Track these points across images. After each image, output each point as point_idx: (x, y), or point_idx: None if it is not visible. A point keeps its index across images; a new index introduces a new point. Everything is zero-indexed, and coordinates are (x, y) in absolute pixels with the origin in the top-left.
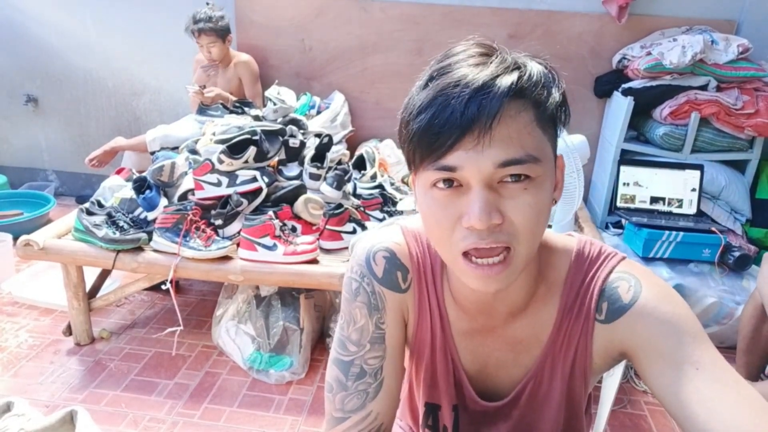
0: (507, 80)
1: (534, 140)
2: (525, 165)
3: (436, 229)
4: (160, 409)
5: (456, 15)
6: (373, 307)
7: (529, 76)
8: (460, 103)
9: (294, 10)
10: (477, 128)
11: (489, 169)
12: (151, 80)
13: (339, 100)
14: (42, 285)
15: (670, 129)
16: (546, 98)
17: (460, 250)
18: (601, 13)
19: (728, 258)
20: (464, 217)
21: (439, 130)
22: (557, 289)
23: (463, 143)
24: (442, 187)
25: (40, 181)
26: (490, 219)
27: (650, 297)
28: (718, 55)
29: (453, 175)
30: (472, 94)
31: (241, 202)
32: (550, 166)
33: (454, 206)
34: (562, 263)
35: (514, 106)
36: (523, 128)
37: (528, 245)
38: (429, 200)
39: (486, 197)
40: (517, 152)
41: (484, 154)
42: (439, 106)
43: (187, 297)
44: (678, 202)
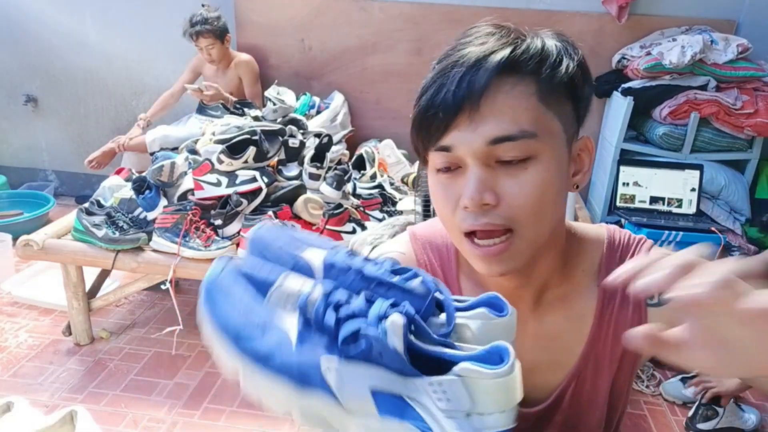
0: (499, 55)
1: (531, 115)
2: (519, 141)
3: (441, 212)
4: (160, 409)
5: (456, 15)
6: None
7: (525, 49)
8: (452, 83)
9: (294, 10)
10: (467, 106)
11: (481, 147)
12: (151, 80)
13: (339, 100)
14: (42, 285)
15: (669, 129)
16: (549, 71)
17: (461, 231)
18: (601, 13)
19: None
20: (461, 198)
21: (435, 111)
22: (592, 279)
23: (456, 123)
24: (444, 170)
25: (40, 181)
26: (481, 199)
27: None
28: (717, 55)
29: (450, 155)
30: (465, 72)
31: (240, 202)
32: (558, 144)
33: (454, 188)
34: (595, 252)
35: (509, 81)
36: (519, 103)
37: (532, 228)
38: (434, 184)
39: (479, 176)
40: (509, 128)
41: (476, 132)
42: (436, 88)
43: (186, 297)
44: (677, 202)
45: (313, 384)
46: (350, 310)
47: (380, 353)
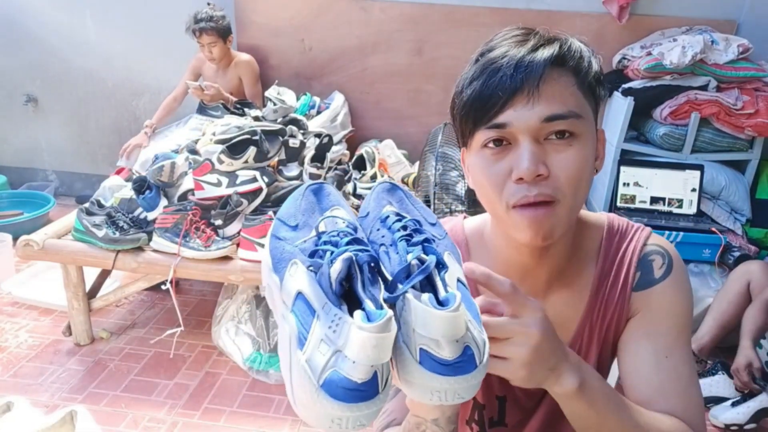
0: (549, 49)
1: (576, 100)
2: (568, 120)
3: (488, 187)
4: (160, 410)
5: (456, 15)
6: None
7: (569, 47)
8: (509, 68)
9: (294, 10)
10: (526, 87)
11: (536, 124)
12: (151, 80)
13: (339, 100)
14: (42, 285)
15: (670, 129)
16: (586, 68)
17: (510, 204)
18: (602, 13)
19: (728, 258)
20: (513, 171)
21: (491, 92)
22: (591, 260)
23: (513, 102)
24: (492, 147)
25: (40, 181)
26: (537, 170)
27: (674, 283)
28: (718, 55)
29: (503, 132)
30: (519, 61)
31: (241, 202)
32: (592, 128)
33: (504, 162)
34: (596, 235)
35: (555, 72)
36: (566, 89)
37: (572, 199)
38: (480, 160)
39: (533, 150)
40: (560, 108)
41: (533, 110)
42: (489, 73)
43: (187, 297)
44: (678, 203)
45: (278, 272)
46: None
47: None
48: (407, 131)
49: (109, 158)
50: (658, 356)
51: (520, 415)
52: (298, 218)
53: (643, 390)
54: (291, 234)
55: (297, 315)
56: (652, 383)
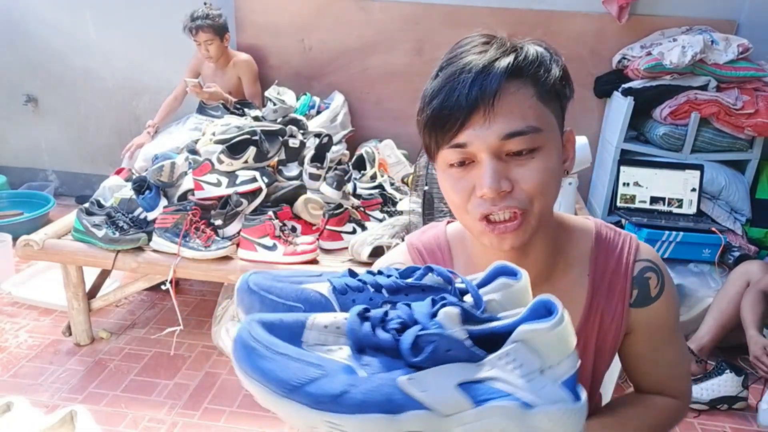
0: (504, 62)
1: (535, 113)
2: (528, 136)
3: (455, 202)
4: (160, 410)
5: (456, 15)
6: None
7: (525, 57)
8: (464, 87)
9: (294, 10)
10: (482, 106)
11: (495, 142)
12: (151, 80)
13: (339, 100)
14: (42, 285)
15: (670, 129)
16: (545, 75)
17: (476, 216)
18: (601, 13)
19: (728, 258)
20: (477, 188)
21: (449, 112)
22: (583, 269)
23: (470, 122)
24: (456, 165)
25: (40, 181)
26: (499, 186)
27: (666, 298)
28: (718, 55)
29: (465, 151)
30: (475, 77)
31: (240, 202)
32: (556, 135)
33: (468, 180)
34: (583, 242)
35: (513, 84)
36: (524, 103)
37: (540, 204)
38: (447, 178)
39: (494, 167)
40: (519, 124)
41: (491, 129)
42: (447, 92)
43: (186, 297)
44: (678, 202)
45: (403, 405)
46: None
47: (447, 349)
48: (407, 131)
49: (109, 158)
50: (656, 357)
51: None
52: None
53: (644, 383)
54: (333, 380)
55: (484, 401)
56: (651, 377)
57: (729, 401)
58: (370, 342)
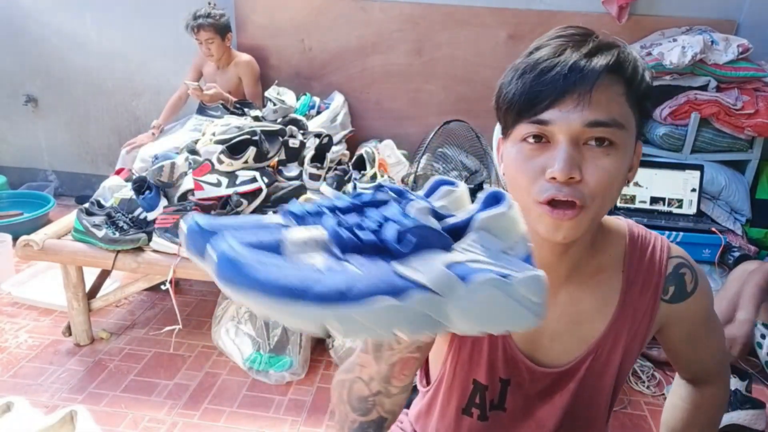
0: (607, 56)
1: (622, 110)
2: (610, 129)
3: (521, 179)
4: (160, 410)
5: (456, 15)
6: None
7: (626, 56)
8: (564, 68)
9: (294, 10)
10: (578, 91)
11: (578, 127)
12: (151, 80)
13: (339, 101)
14: (42, 285)
15: (670, 129)
16: (639, 79)
17: (538, 199)
18: (601, 13)
19: (728, 258)
20: (548, 169)
21: (541, 88)
22: (618, 265)
23: (561, 102)
24: (531, 141)
25: (40, 181)
26: (570, 172)
27: (703, 293)
28: (718, 56)
29: (545, 129)
30: (576, 62)
31: (240, 202)
32: (632, 140)
33: (540, 159)
34: (618, 241)
35: (609, 79)
36: (614, 98)
37: (597, 206)
38: (517, 153)
39: (570, 152)
40: (605, 116)
41: (577, 113)
42: (543, 69)
43: (186, 297)
44: (678, 203)
45: (406, 287)
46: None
47: (425, 237)
48: (407, 131)
49: (109, 158)
50: (696, 346)
51: (521, 401)
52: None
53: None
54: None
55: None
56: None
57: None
58: (353, 243)
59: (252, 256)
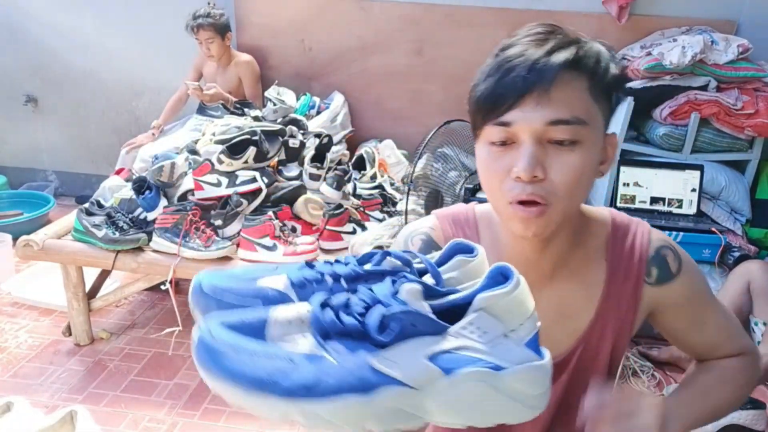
0: (566, 52)
1: (584, 106)
2: (572, 126)
3: (490, 180)
4: (160, 410)
5: (456, 15)
6: None
7: (585, 51)
8: (523, 69)
9: (294, 10)
10: (536, 90)
11: (540, 126)
12: (151, 80)
13: (339, 101)
14: (42, 285)
15: (670, 129)
16: (602, 72)
17: (507, 199)
18: (601, 13)
19: (728, 258)
20: (513, 169)
21: (502, 91)
22: (601, 255)
23: (521, 103)
24: (497, 143)
25: (40, 181)
26: (533, 171)
27: (690, 273)
28: (718, 56)
29: (508, 130)
30: (534, 62)
31: (240, 202)
32: (599, 135)
33: (506, 160)
34: (601, 231)
35: (568, 75)
36: (575, 95)
37: (564, 203)
38: (486, 154)
39: (533, 152)
40: (565, 114)
41: (539, 113)
42: (503, 71)
43: (186, 297)
44: (678, 203)
45: (377, 383)
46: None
47: (412, 324)
48: (407, 131)
49: (109, 158)
50: (699, 326)
51: None
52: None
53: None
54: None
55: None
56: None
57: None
58: (336, 328)
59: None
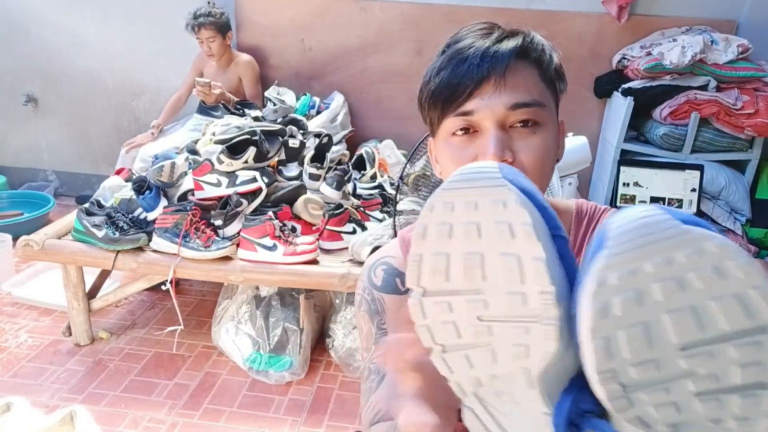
0: (513, 41)
1: (539, 90)
2: (533, 108)
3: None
4: (160, 410)
5: (456, 15)
6: (373, 311)
7: (531, 40)
8: (476, 58)
9: (294, 10)
10: (493, 76)
11: (502, 111)
12: (151, 80)
13: (339, 101)
14: (42, 285)
15: (670, 129)
16: (548, 60)
17: None
18: (601, 13)
19: None
20: (479, 156)
21: (459, 81)
22: None
23: (480, 90)
24: (460, 134)
25: (40, 181)
26: (502, 155)
27: None
28: (717, 55)
29: (470, 119)
30: (485, 51)
31: (240, 202)
32: (554, 118)
33: (471, 149)
34: (565, 221)
35: (520, 63)
36: (530, 80)
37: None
38: (448, 147)
39: (499, 136)
40: (525, 97)
41: (499, 99)
42: (456, 63)
43: (186, 297)
44: (678, 203)
45: None
46: None
47: None
48: (407, 131)
49: (109, 158)
50: None
51: None
52: None
53: None
54: None
55: None
56: None
57: None
58: None
59: None
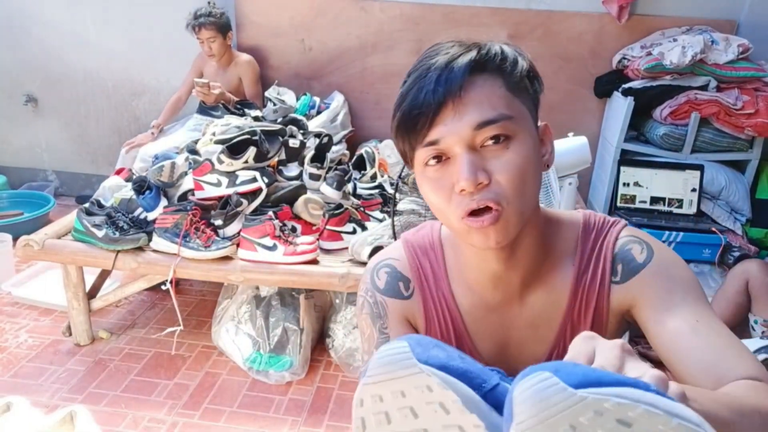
0: (467, 57)
1: (504, 102)
2: (500, 123)
3: (437, 202)
4: (160, 410)
5: (456, 15)
6: (375, 315)
7: (486, 52)
8: (430, 84)
9: (294, 10)
10: (449, 100)
11: (468, 133)
12: (151, 80)
13: (339, 100)
14: (42, 285)
15: (670, 129)
16: (510, 68)
17: (459, 216)
18: (601, 13)
19: (728, 258)
20: (455, 184)
21: (418, 112)
22: (569, 258)
23: (440, 117)
24: (433, 163)
25: (40, 181)
26: (476, 179)
27: (663, 259)
28: (718, 55)
29: (439, 148)
30: (439, 74)
31: (241, 202)
32: (530, 127)
33: (446, 178)
34: (571, 234)
35: (480, 78)
36: (493, 93)
37: (517, 203)
38: (425, 179)
39: (470, 159)
40: (489, 113)
41: (462, 121)
42: (414, 93)
43: (186, 297)
44: (678, 203)
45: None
46: None
47: None
48: None
49: (109, 158)
50: (689, 323)
51: None
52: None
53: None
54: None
55: None
56: (697, 350)
57: None
58: None
59: None
